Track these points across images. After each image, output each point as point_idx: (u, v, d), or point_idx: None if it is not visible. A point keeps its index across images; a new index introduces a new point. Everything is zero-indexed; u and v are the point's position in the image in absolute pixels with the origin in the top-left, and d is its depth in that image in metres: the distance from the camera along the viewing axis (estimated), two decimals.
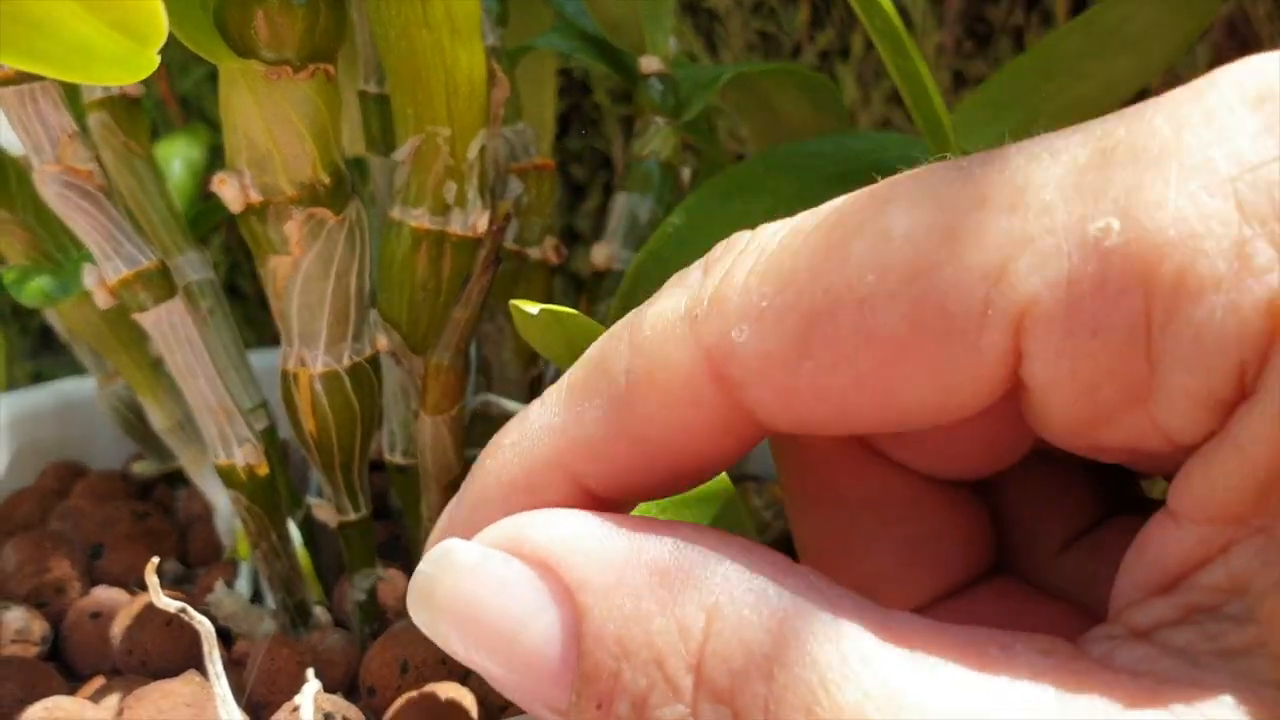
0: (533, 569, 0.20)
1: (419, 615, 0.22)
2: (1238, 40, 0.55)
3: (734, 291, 0.20)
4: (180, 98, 0.61)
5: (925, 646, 0.19)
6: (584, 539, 0.20)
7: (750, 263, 0.21)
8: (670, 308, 0.21)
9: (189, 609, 0.26)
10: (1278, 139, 0.17)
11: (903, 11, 0.56)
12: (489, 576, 0.21)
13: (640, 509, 0.25)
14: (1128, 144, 0.18)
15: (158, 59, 0.21)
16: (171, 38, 0.28)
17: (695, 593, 0.19)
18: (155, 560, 0.25)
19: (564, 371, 0.27)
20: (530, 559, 0.20)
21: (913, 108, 0.32)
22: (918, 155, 0.34)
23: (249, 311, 0.65)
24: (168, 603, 0.25)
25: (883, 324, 0.19)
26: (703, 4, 0.59)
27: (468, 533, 0.22)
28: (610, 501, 0.23)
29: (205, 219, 0.44)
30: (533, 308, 0.26)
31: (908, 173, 0.20)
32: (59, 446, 0.44)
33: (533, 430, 0.23)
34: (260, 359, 0.39)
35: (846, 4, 0.58)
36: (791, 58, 0.57)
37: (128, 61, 0.20)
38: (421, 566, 0.22)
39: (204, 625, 0.26)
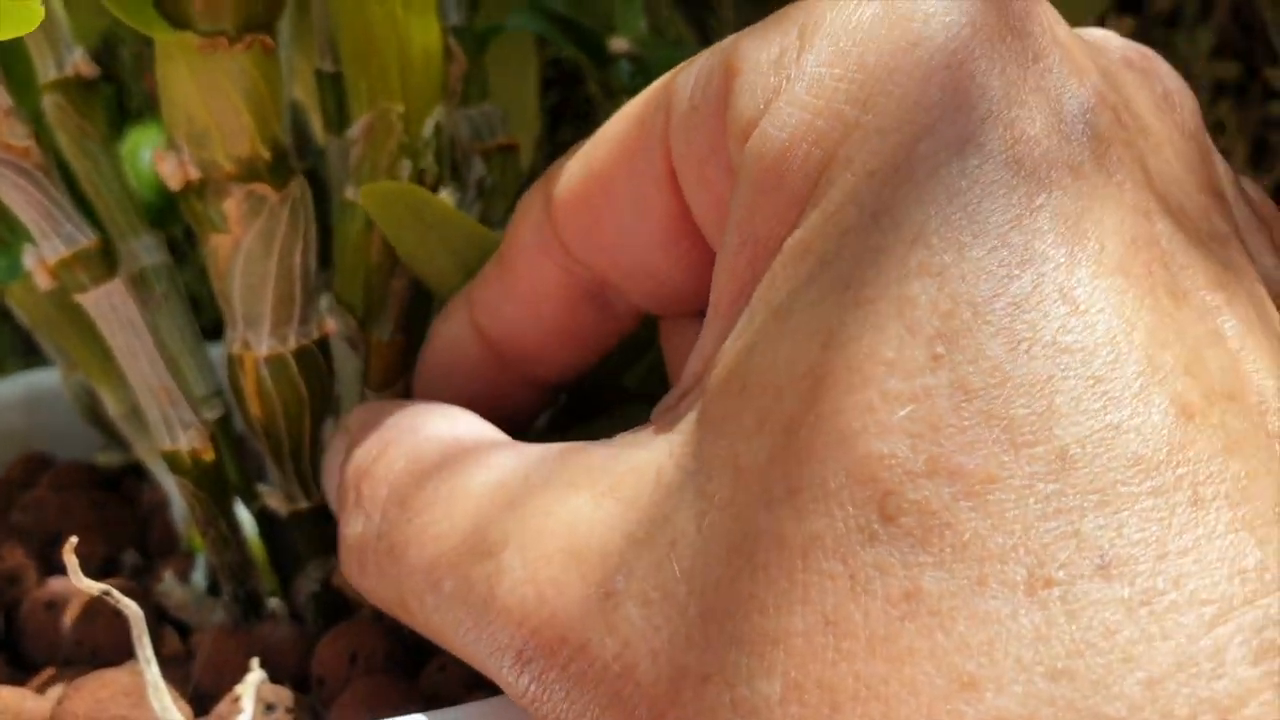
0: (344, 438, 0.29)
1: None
2: (1241, 23, 0.54)
3: (576, 149, 0.27)
4: None
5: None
6: (363, 414, 0.29)
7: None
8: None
9: (113, 592, 0.25)
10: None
11: None
12: (334, 447, 0.30)
13: None
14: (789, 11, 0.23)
15: (42, 10, 0.20)
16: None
17: (385, 436, 0.27)
18: (74, 540, 0.24)
19: None
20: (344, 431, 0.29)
21: None
22: None
23: None
24: (91, 585, 0.25)
25: (621, 149, 0.25)
26: None
27: (422, 386, 0.31)
28: (523, 372, 0.30)
29: (173, 211, 0.43)
30: (379, 187, 0.29)
31: None
32: (27, 438, 0.43)
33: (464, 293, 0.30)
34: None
35: None
36: None
37: (12, 15, 0.20)
38: None
39: (130, 608, 0.25)
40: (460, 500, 0.24)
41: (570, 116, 0.63)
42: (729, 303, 0.22)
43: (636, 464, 0.21)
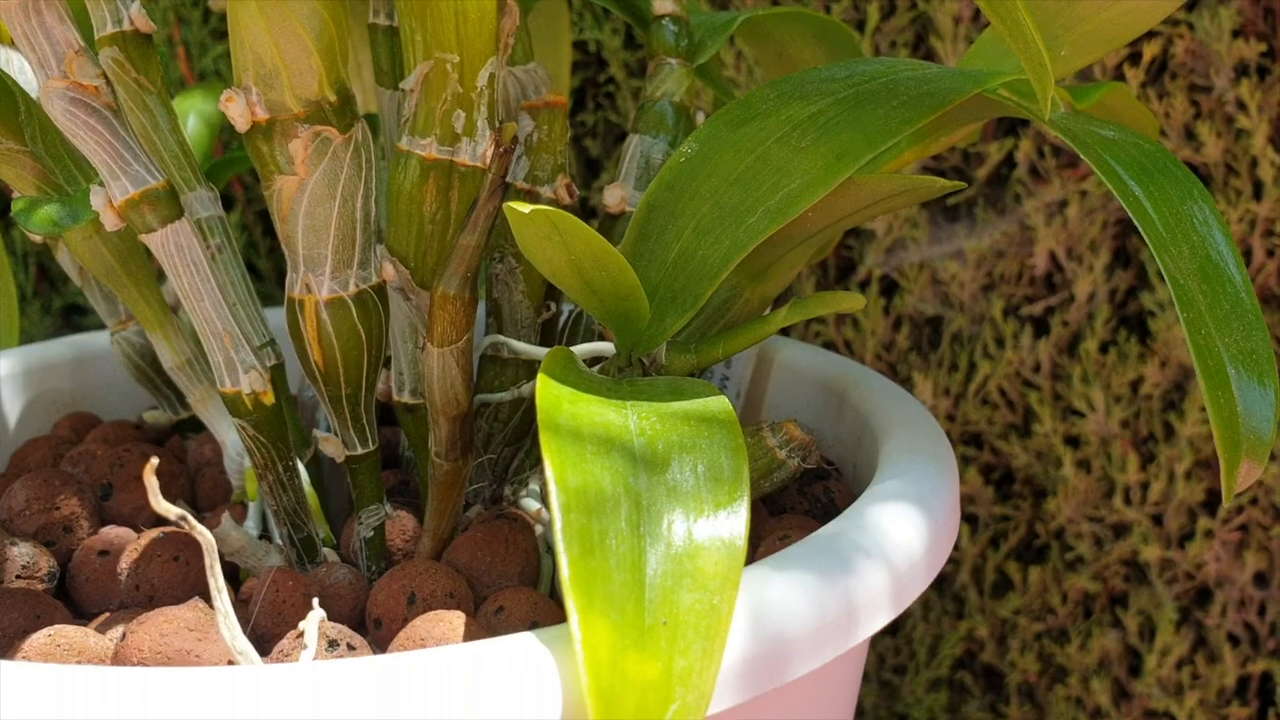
0: None
1: None
2: (1263, 6, 0.54)
3: None
4: (199, 75, 0.61)
5: None
6: None
7: None
8: None
9: (189, 517, 0.25)
10: None
11: None
12: None
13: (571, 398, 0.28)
14: None
15: None
16: (189, 21, 0.28)
17: None
18: (154, 460, 0.24)
19: (579, 309, 0.29)
20: None
21: (997, 20, 0.30)
22: (930, 75, 0.33)
23: (264, 290, 0.65)
24: (168, 508, 0.25)
25: None
26: None
27: None
28: None
29: (219, 173, 0.44)
30: (524, 207, 0.25)
31: None
32: (74, 399, 0.44)
33: None
34: (273, 316, 0.39)
35: None
36: None
37: None
38: None
39: (205, 536, 0.26)
40: None
41: (594, 98, 0.63)
42: None
43: None
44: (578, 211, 0.56)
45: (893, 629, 0.65)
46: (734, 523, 0.26)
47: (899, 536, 0.30)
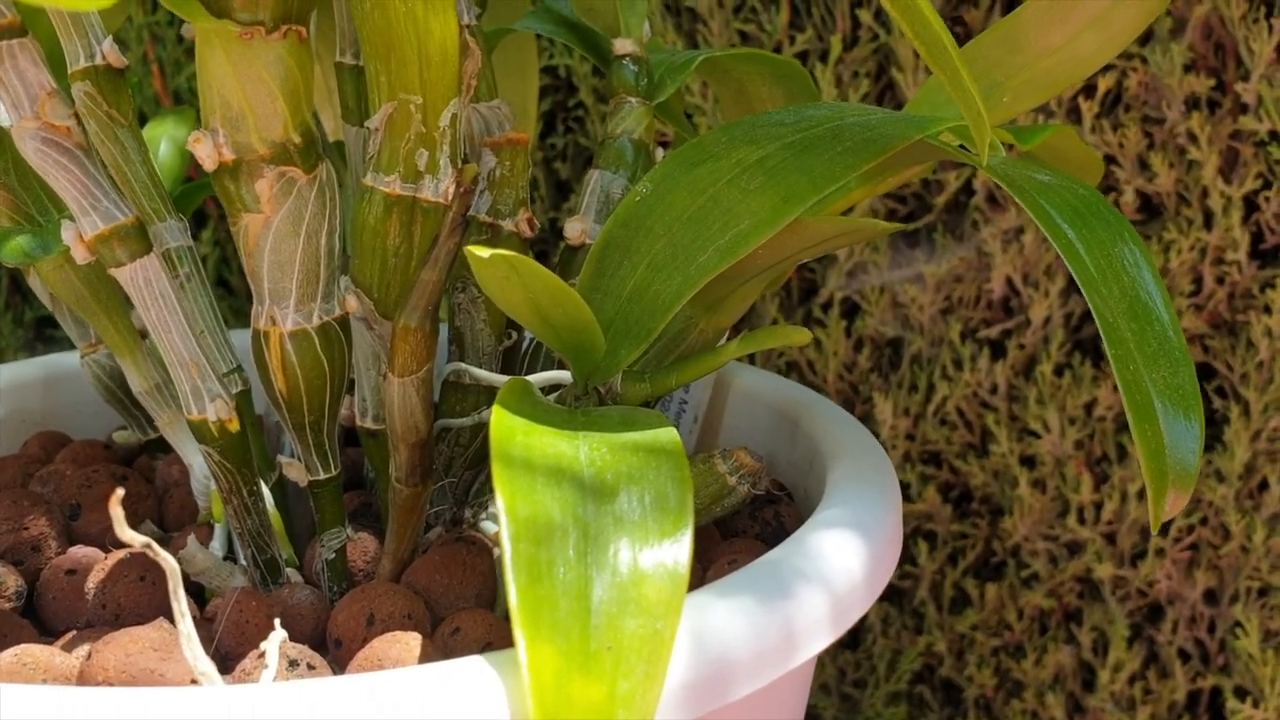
0: None
1: None
2: (1213, 42, 0.56)
3: None
4: (174, 93, 0.62)
5: None
6: None
7: None
8: None
9: (154, 545, 0.26)
10: None
11: None
12: None
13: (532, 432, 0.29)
14: None
15: None
16: (164, 40, 0.29)
17: None
18: (120, 491, 0.25)
19: (536, 339, 0.30)
20: None
21: (937, 70, 0.31)
22: (874, 120, 0.34)
23: (237, 305, 0.66)
24: (133, 536, 0.26)
25: None
26: (685, 4, 0.60)
27: None
28: None
29: (190, 198, 0.45)
30: (484, 251, 0.26)
31: None
32: (44, 418, 0.44)
33: None
34: (241, 338, 0.40)
35: (826, 5, 0.59)
36: None
37: None
38: None
39: (169, 563, 0.27)
40: None
41: (564, 122, 0.65)
42: None
43: None
44: (541, 240, 0.57)
45: (853, 644, 0.67)
46: (678, 551, 0.27)
47: (839, 562, 0.31)
